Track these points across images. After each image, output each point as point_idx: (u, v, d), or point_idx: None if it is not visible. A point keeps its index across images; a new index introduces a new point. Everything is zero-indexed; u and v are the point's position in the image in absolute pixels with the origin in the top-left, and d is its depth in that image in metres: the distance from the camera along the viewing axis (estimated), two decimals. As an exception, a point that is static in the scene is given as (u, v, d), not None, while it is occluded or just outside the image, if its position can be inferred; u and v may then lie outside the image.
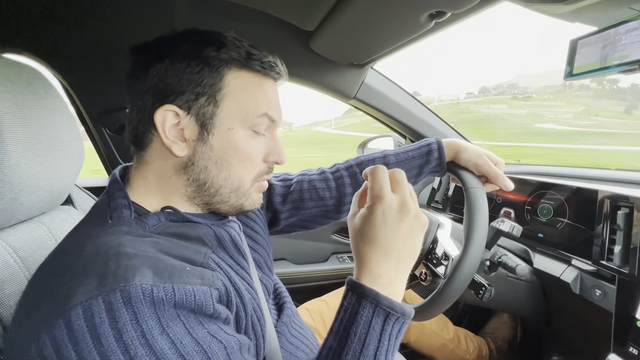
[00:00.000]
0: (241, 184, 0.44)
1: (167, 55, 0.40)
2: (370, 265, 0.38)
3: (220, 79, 0.41)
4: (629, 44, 0.45)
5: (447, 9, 0.53)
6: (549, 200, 0.79)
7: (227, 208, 0.46)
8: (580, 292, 0.68)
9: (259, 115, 0.43)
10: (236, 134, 0.42)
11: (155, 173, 0.43)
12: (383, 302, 0.36)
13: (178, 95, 0.40)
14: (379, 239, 0.38)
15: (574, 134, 41.01)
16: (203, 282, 0.34)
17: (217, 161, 0.42)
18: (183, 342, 0.30)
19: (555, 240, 0.76)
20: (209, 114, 0.41)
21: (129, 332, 0.28)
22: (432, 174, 0.66)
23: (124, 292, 0.29)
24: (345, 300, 0.38)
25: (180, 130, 0.41)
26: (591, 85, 35.35)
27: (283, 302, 0.62)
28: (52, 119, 0.50)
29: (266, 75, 0.44)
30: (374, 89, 1.04)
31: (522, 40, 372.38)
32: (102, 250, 0.33)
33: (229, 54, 0.41)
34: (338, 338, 0.37)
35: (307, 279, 1.14)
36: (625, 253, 0.60)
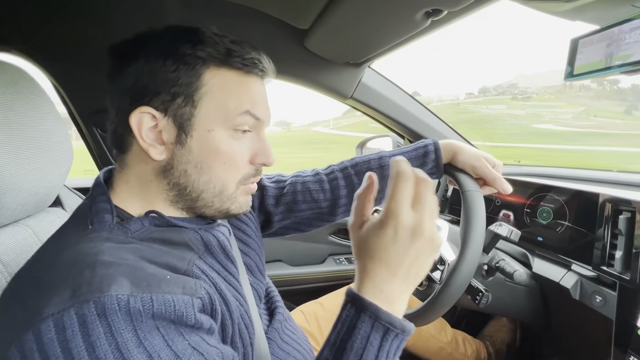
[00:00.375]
0: (224, 188, 0.42)
1: (143, 54, 0.38)
2: (374, 280, 0.36)
3: (197, 78, 0.39)
4: (633, 42, 0.43)
5: (443, 6, 0.52)
6: (549, 203, 0.78)
7: (213, 212, 0.44)
8: (580, 298, 0.67)
9: (241, 113, 0.41)
10: (216, 136, 0.40)
11: (137, 177, 0.41)
12: (382, 317, 0.34)
13: (154, 96, 0.38)
14: (387, 257, 0.36)
15: (572, 134, 41.00)
16: (184, 291, 0.33)
17: (197, 165, 0.40)
18: (161, 355, 0.29)
19: (554, 244, 0.74)
20: (187, 115, 0.39)
21: (102, 345, 0.27)
22: (428, 176, 0.65)
23: (98, 304, 0.28)
24: (344, 312, 0.36)
25: (158, 133, 0.39)
26: (591, 85, 35.15)
27: (275, 307, 0.61)
28: (39, 119, 0.49)
29: (249, 73, 0.41)
30: (372, 89, 1.03)
31: (522, 40, 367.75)
32: (79, 259, 0.32)
33: (206, 50, 0.39)
34: (334, 351, 0.35)
35: (303, 280, 1.13)
36: (626, 259, 0.58)
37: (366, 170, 0.64)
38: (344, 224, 1.26)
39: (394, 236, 0.35)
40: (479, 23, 22.29)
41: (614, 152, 20.61)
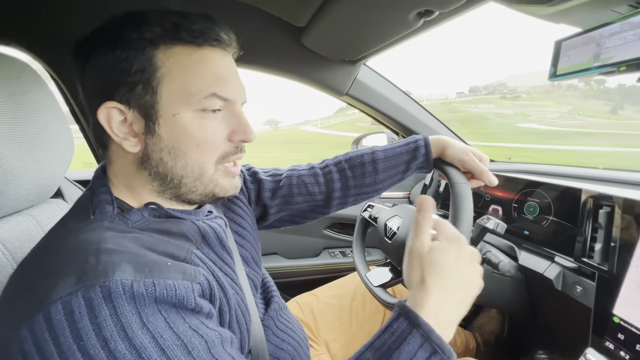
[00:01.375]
0: (203, 170, 0.41)
1: (97, 46, 0.37)
2: (432, 300, 0.36)
3: (149, 62, 0.37)
4: (612, 47, 0.45)
5: (434, 7, 0.54)
6: (535, 199, 0.81)
7: (199, 197, 0.44)
8: (562, 288, 0.70)
9: (206, 96, 0.39)
10: (184, 119, 0.39)
11: (121, 171, 0.42)
12: (434, 339, 0.34)
13: (114, 90, 0.37)
14: (450, 278, 0.37)
15: (555, 133, 41.40)
16: (185, 276, 0.34)
17: (170, 151, 0.39)
18: (163, 336, 0.30)
19: (540, 238, 0.77)
20: (149, 103, 0.38)
21: (109, 326, 0.28)
22: (419, 170, 0.67)
23: (104, 288, 0.29)
24: (395, 323, 0.36)
25: (129, 126, 0.39)
26: (579, 85, 35.23)
27: (271, 296, 0.63)
28: (41, 112, 0.50)
29: (202, 46, 0.39)
30: (367, 86, 1.04)
31: (512, 40, 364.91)
32: (83, 247, 0.33)
33: (152, 30, 0.37)
34: (377, 356, 0.35)
35: (298, 273, 1.15)
36: (605, 251, 0.61)
37: (359, 164, 0.66)
38: (339, 218, 1.29)
39: (458, 257, 0.38)
40: (470, 23, 21.91)
41: (595, 152, 20.87)
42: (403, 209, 0.81)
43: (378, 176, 0.66)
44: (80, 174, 1.03)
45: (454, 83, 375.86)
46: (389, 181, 0.67)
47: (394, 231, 0.78)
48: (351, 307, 0.88)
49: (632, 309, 0.54)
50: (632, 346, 0.53)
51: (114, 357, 0.28)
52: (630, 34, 0.42)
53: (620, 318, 0.55)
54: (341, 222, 1.32)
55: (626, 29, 0.43)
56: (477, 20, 22.71)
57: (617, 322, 0.55)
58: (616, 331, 0.55)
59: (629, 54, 0.42)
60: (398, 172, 0.66)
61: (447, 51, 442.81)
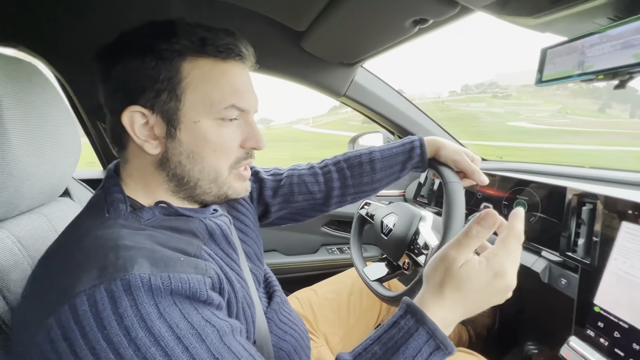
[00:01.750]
0: (218, 174, 0.44)
1: (124, 53, 0.40)
2: (444, 307, 0.38)
3: (177, 72, 0.40)
4: (592, 57, 0.49)
5: (429, 16, 0.57)
6: (524, 196, 0.85)
7: (212, 198, 0.46)
8: (548, 281, 0.74)
9: (226, 107, 0.42)
10: (203, 126, 0.42)
11: (138, 171, 0.44)
12: (438, 336, 0.36)
13: (140, 94, 0.40)
14: (467, 297, 0.38)
15: (543, 132, 41.94)
16: (197, 271, 0.36)
17: (189, 155, 0.42)
18: (179, 325, 0.32)
19: (528, 233, 0.80)
20: (173, 109, 0.40)
21: (130, 317, 0.31)
22: (414, 169, 0.70)
23: (124, 281, 0.31)
24: (402, 320, 0.38)
25: (151, 129, 0.41)
26: (568, 84, 36.24)
27: (273, 291, 0.65)
28: (51, 113, 0.51)
29: (226, 59, 0.42)
30: (364, 87, 1.07)
31: (503, 40, 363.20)
32: (102, 243, 0.35)
33: (181, 43, 0.39)
34: (384, 350, 0.37)
35: (297, 269, 1.18)
36: (587, 245, 0.65)
37: (357, 164, 0.69)
38: (336, 216, 1.32)
39: (487, 284, 0.37)
40: (463, 22, 22.57)
41: (582, 150, 21.11)
42: (398, 207, 0.85)
43: (375, 175, 0.68)
44: (84, 173, 1.05)
45: (447, 82, 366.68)
46: (386, 180, 0.70)
47: (390, 228, 0.81)
48: (349, 301, 0.91)
49: (611, 299, 0.58)
50: (610, 333, 0.57)
51: (134, 344, 0.30)
52: (607, 45, 0.46)
53: (600, 307, 0.59)
54: (338, 220, 1.35)
55: (604, 41, 0.46)
56: (470, 20, 23.24)
57: (598, 311, 0.59)
58: (596, 320, 0.59)
59: (607, 64, 0.46)
60: (394, 171, 0.68)
61: (440, 50, 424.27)
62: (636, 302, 0.54)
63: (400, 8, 0.57)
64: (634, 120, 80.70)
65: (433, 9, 0.54)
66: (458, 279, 0.38)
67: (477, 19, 0.58)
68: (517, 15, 0.49)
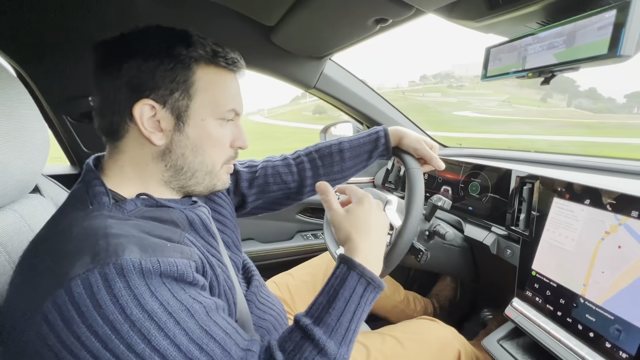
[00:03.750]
0: (214, 166, 0.50)
1: (138, 52, 0.43)
2: (360, 247, 0.48)
3: (191, 75, 0.45)
4: (527, 55, 0.56)
5: (388, 17, 0.62)
6: (478, 179, 0.94)
7: (202, 189, 0.51)
8: (496, 252, 0.84)
9: (228, 109, 0.48)
10: (209, 124, 0.47)
11: (132, 161, 0.46)
12: (367, 274, 0.45)
13: (153, 90, 0.43)
14: (367, 229, 0.50)
15: (485, 120, 44.77)
16: (182, 255, 0.39)
17: (193, 148, 0.47)
18: (170, 303, 0.35)
19: (481, 212, 0.91)
20: (184, 106, 0.45)
21: (124, 296, 0.33)
22: (380, 157, 0.76)
23: (117, 265, 0.34)
24: (337, 270, 0.46)
25: (157, 122, 0.45)
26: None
27: (251, 276, 0.69)
28: (17, 109, 0.51)
29: (230, 70, 0.49)
30: (333, 79, 1.11)
31: (459, 32, 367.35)
32: (91, 232, 0.37)
33: (197, 51, 0.45)
34: (327, 297, 0.44)
35: (274, 255, 1.22)
36: (527, 220, 0.75)
37: (328, 154, 0.74)
38: (310, 203, 1.37)
39: (369, 207, 0.52)
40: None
41: (517, 139, 22.90)
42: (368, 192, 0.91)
43: (345, 164, 0.74)
44: (52, 169, 1.02)
45: (406, 72, 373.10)
46: (355, 168, 0.76)
47: (359, 212, 0.87)
48: (324, 282, 0.97)
49: (544, 263, 0.68)
50: (544, 292, 0.67)
51: (130, 320, 0.33)
52: (537, 46, 0.53)
53: (536, 272, 0.70)
54: (312, 207, 1.40)
55: (536, 42, 0.54)
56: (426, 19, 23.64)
57: (534, 275, 0.70)
58: (533, 282, 0.70)
59: (536, 63, 0.53)
60: (362, 159, 0.75)
61: (400, 41, 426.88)
62: (562, 264, 0.64)
63: (362, 8, 0.61)
64: (570, 109, 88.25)
65: (391, 10, 0.59)
66: (352, 222, 0.51)
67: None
68: (463, 19, 0.55)
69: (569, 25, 0.46)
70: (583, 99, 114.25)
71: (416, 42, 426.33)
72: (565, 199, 0.67)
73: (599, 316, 0.57)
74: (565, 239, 0.65)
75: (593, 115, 73.59)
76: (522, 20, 0.53)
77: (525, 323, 0.68)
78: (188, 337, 0.35)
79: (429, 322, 0.82)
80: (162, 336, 0.34)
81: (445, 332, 0.78)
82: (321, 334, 0.42)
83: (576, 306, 0.61)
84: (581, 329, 0.59)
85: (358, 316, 0.44)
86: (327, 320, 0.43)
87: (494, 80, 0.62)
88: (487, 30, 0.58)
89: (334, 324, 0.43)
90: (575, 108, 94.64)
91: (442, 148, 1.35)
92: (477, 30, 0.58)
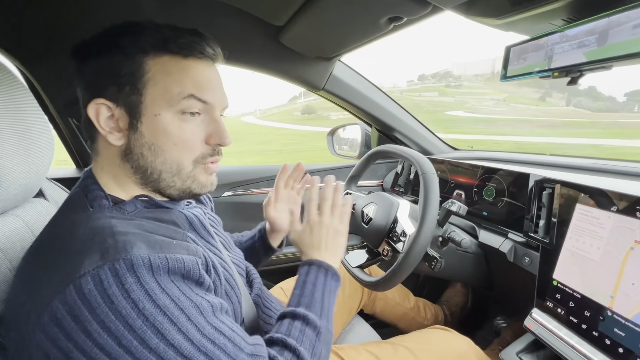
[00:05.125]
0: (181, 167, 0.45)
1: (93, 51, 0.43)
2: (312, 254, 0.57)
3: (138, 67, 0.42)
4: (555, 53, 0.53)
5: (403, 15, 0.59)
6: (493, 183, 0.91)
7: (177, 192, 0.47)
8: (513, 260, 0.81)
9: (184, 97, 0.43)
10: (164, 119, 0.43)
11: (107, 162, 0.46)
12: (323, 265, 0.55)
13: (105, 88, 0.42)
14: (310, 242, 0.58)
15: (478, 120, 44.48)
16: (189, 252, 0.39)
17: (151, 147, 0.44)
18: (180, 299, 0.35)
19: (496, 217, 0.88)
20: (135, 102, 0.42)
21: (136, 291, 0.33)
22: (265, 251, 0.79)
23: (127, 261, 0.33)
24: (302, 269, 0.55)
25: (116, 121, 0.43)
26: None
27: (252, 279, 0.68)
28: (22, 113, 0.50)
29: (187, 57, 0.43)
30: (342, 81, 1.09)
31: (457, 29, 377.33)
32: (97, 231, 0.37)
33: (146, 40, 0.42)
34: (299, 289, 0.52)
35: (280, 260, 1.20)
36: (547, 226, 0.72)
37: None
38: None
39: (310, 231, 0.59)
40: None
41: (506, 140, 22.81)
42: (378, 197, 0.88)
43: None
44: (57, 172, 1.01)
45: (404, 72, 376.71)
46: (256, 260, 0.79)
47: (370, 217, 0.85)
48: None
49: (566, 273, 0.65)
50: (566, 303, 0.64)
51: (143, 315, 0.33)
52: (565, 45, 0.50)
53: (557, 281, 0.66)
54: None
55: (564, 40, 0.51)
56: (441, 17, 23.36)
57: (556, 284, 0.66)
58: (555, 292, 0.66)
59: (565, 62, 0.50)
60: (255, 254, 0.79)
61: (400, 40, 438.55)
62: (587, 275, 0.61)
63: (376, 6, 0.59)
64: (569, 108, 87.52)
65: (407, 7, 0.57)
66: (302, 237, 0.60)
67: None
68: (483, 16, 0.52)
69: (602, 22, 0.43)
70: (582, 97, 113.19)
71: (414, 41, 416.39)
72: (589, 205, 0.63)
73: (629, 330, 0.53)
74: (590, 247, 0.61)
75: (590, 114, 72.64)
76: (546, 17, 0.50)
77: (546, 335, 0.64)
78: (200, 332, 0.36)
79: (442, 331, 0.79)
80: (175, 330, 0.34)
81: (460, 342, 0.75)
82: (315, 317, 0.49)
83: (603, 319, 0.57)
84: (609, 343, 0.56)
85: (326, 300, 0.52)
86: (309, 303, 0.51)
87: (514, 80, 0.60)
88: (507, 28, 0.56)
89: (316, 305, 0.51)
90: (575, 107, 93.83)
91: (452, 151, 1.32)
92: (496, 27, 0.56)
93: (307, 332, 0.47)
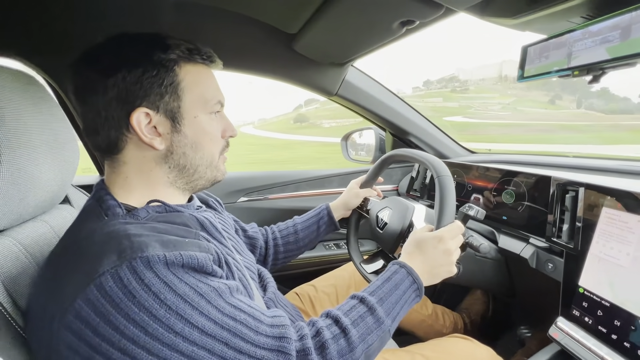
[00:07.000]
0: (212, 158, 0.52)
1: (120, 65, 0.44)
2: (413, 264, 0.57)
3: (176, 76, 0.47)
4: (576, 51, 0.51)
5: (415, 18, 0.59)
6: (512, 186, 0.88)
7: (204, 182, 0.54)
8: (536, 266, 0.77)
9: (215, 102, 0.51)
10: (202, 120, 0.50)
11: (136, 170, 0.48)
12: (413, 274, 0.55)
13: (144, 98, 0.45)
14: (427, 256, 0.59)
15: (475, 125, 43.05)
16: (201, 249, 0.41)
17: (193, 145, 0.49)
18: (198, 285, 0.38)
19: (516, 222, 0.85)
20: (176, 107, 0.47)
21: (155, 284, 0.35)
22: (327, 229, 0.89)
23: (143, 259, 0.36)
24: (392, 267, 0.56)
25: (153, 128, 0.47)
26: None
27: (266, 283, 0.69)
28: (49, 122, 0.52)
29: (208, 65, 0.51)
30: (355, 86, 1.09)
31: (463, 34, 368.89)
32: (113, 235, 0.39)
33: (175, 53, 0.46)
34: (380, 281, 0.54)
35: (295, 266, 1.20)
36: (571, 231, 0.69)
37: (286, 235, 0.87)
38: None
39: (441, 248, 0.59)
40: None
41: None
42: (393, 201, 0.87)
43: (299, 243, 0.87)
44: (81, 179, 1.05)
45: (409, 78, 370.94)
46: (309, 242, 0.88)
47: (385, 222, 0.84)
48: (347, 295, 0.94)
49: (593, 280, 0.62)
50: (594, 312, 0.61)
51: (165, 305, 0.35)
52: (588, 41, 0.48)
53: (584, 288, 0.63)
54: None
55: (587, 37, 0.49)
56: (453, 20, 23.06)
57: (582, 292, 0.63)
58: (581, 300, 0.63)
59: (585, 60, 0.49)
60: (313, 231, 0.87)
61: (402, 46, 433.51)
62: (616, 281, 0.58)
63: (388, 10, 0.59)
64: (580, 111, 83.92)
65: (419, 11, 0.57)
66: (424, 243, 0.59)
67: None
68: (498, 17, 0.51)
69: (625, 17, 0.41)
70: (595, 99, 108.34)
71: (419, 47, 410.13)
72: (616, 208, 0.61)
73: (665, 342, 0.50)
74: (619, 253, 0.58)
75: (603, 117, 69.08)
76: (564, 15, 0.49)
77: (573, 345, 0.61)
78: (220, 312, 0.38)
79: (462, 340, 0.77)
80: (197, 314, 0.37)
81: (482, 352, 0.72)
82: (382, 312, 0.50)
83: (634, 329, 0.54)
84: (643, 355, 0.52)
85: (399, 307, 0.52)
86: (384, 299, 0.51)
87: (532, 80, 0.58)
88: (524, 28, 0.54)
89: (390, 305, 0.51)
90: (586, 109, 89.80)
91: (469, 154, 1.29)
92: (511, 28, 0.55)
93: (367, 319, 0.48)
